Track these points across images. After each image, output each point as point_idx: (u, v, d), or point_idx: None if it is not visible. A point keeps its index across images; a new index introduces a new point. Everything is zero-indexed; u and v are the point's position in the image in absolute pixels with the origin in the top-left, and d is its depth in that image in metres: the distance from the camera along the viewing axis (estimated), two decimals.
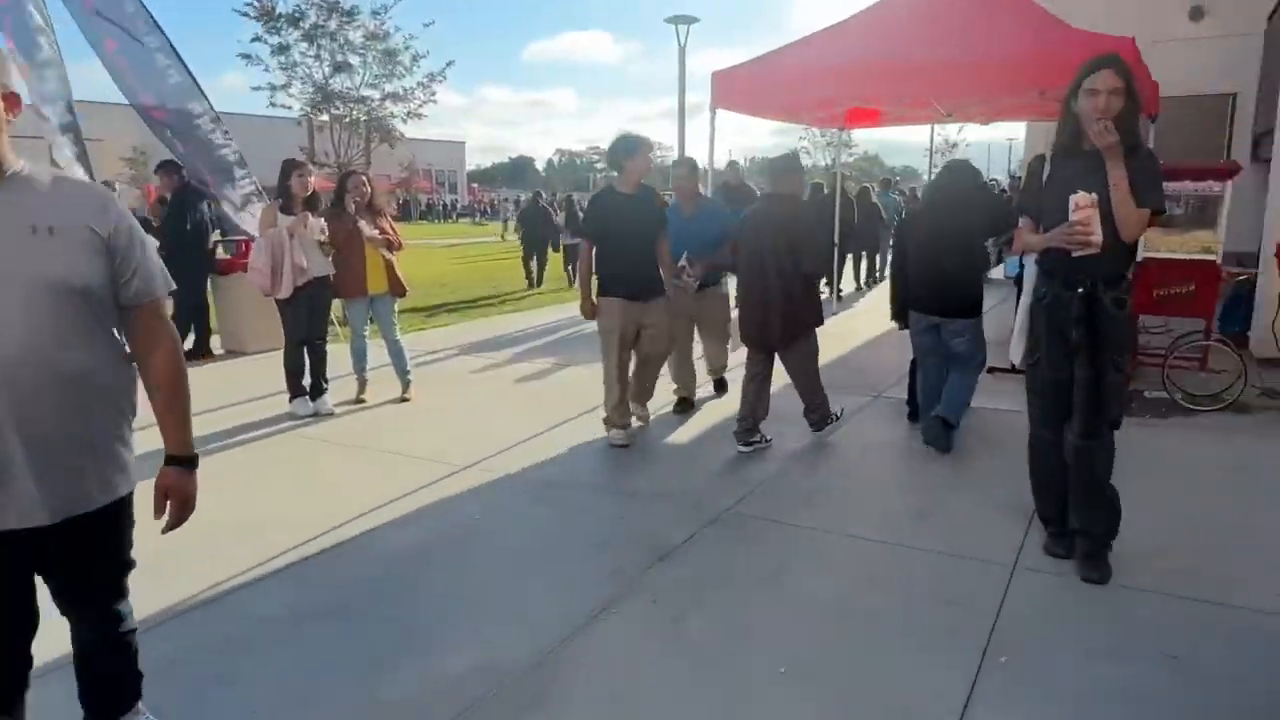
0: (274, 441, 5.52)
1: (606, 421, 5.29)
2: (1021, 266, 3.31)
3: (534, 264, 14.97)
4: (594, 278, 5.30)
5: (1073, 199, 3.06)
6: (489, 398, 6.67)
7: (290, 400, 6.09)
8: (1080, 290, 3.23)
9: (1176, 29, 10.81)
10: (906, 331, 5.35)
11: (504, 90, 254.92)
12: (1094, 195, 3.04)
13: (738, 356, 5.67)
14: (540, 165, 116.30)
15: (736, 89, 7.51)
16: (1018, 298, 3.83)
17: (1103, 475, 3.39)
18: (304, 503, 4.38)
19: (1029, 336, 3.50)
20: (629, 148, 5.07)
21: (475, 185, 75.23)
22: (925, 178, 38.91)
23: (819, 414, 5.29)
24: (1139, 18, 9.76)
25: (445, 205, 53.56)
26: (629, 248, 5.05)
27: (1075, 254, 3.11)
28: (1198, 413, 5.84)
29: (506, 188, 74.96)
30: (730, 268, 5.44)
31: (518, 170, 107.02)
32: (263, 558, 3.69)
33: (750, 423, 5.10)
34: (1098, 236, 3.05)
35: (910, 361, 5.62)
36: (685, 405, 6.08)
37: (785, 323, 4.94)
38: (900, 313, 5.33)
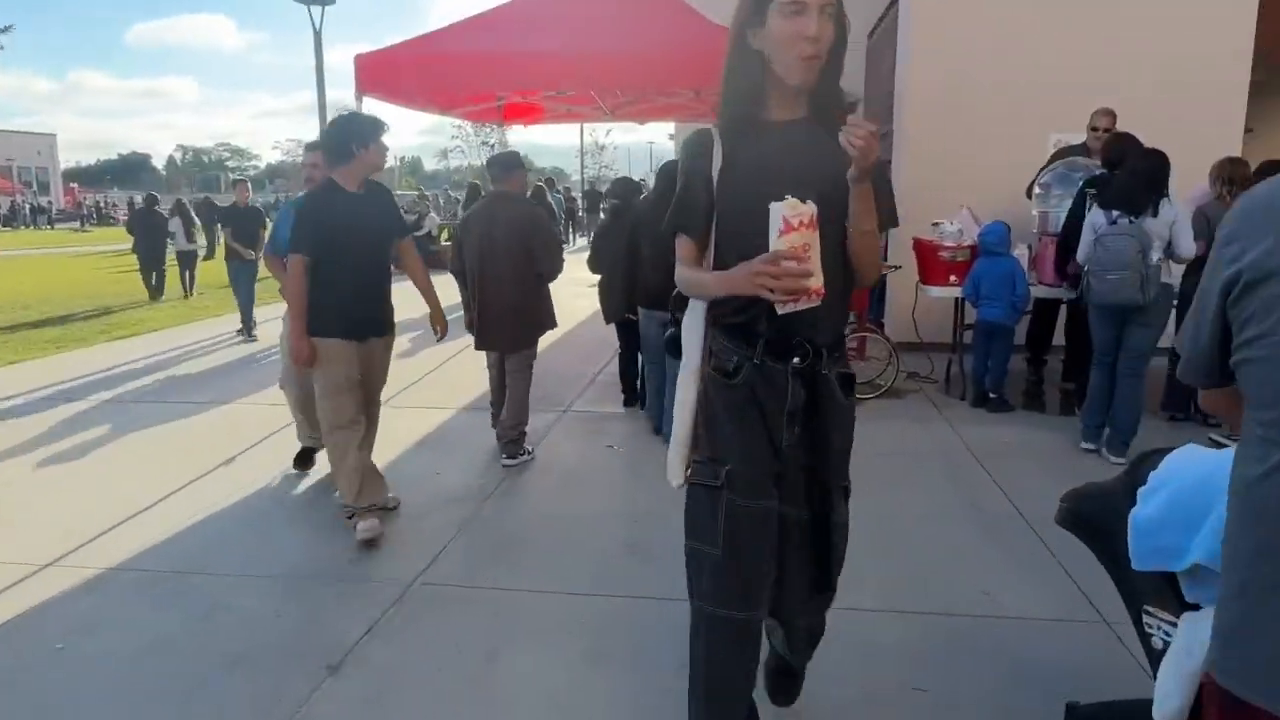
0: None
1: (349, 511, 3.85)
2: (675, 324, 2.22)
3: (154, 276, 13.13)
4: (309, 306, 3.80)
5: (778, 210, 1.78)
6: (94, 458, 5.15)
7: None
8: (796, 361, 1.95)
9: None
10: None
11: (105, 76, 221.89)
12: (811, 206, 1.79)
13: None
14: (159, 163, 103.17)
15: (384, 76, 6.62)
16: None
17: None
18: None
19: (705, 435, 2.05)
20: (364, 131, 3.76)
21: (75, 186, 64.65)
22: (576, 179, 40.13)
23: (519, 433, 4.86)
24: None
25: (33, 209, 44.82)
26: (356, 267, 3.77)
27: (782, 309, 1.83)
28: (861, 401, 6.12)
29: (119, 188, 65.28)
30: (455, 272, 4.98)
31: (130, 169, 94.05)
32: None
33: (517, 432, 4.83)
34: (818, 279, 1.81)
35: (620, 355, 5.95)
36: (306, 460, 4.79)
37: (519, 327, 4.79)
38: (621, 310, 5.56)
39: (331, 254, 3.70)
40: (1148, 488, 1.85)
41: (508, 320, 4.72)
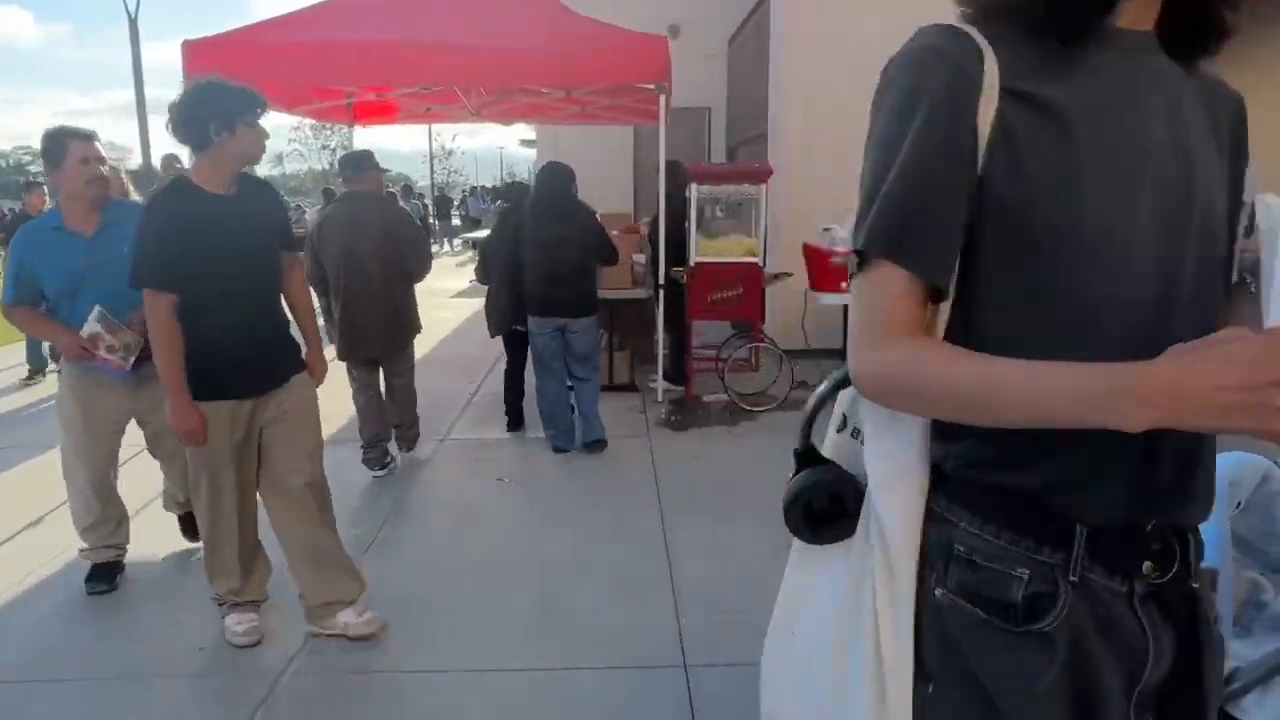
0: None
1: (227, 605, 3.02)
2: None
3: None
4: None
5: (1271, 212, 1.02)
6: None
7: None
8: (1152, 573, 0.94)
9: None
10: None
11: None
12: None
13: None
14: None
15: (218, 66, 5.80)
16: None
17: None
18: None
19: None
20: (228, 107, 2.71)
21: None
22: (425, 184, 38.68)
23: (414, 430, 4.96)
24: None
25: None
26: (238, 296, 2.76)
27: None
28: (756, 414, 5.88)
29: None
30: None
31: None
32: None
33: (382, 445, 4.73)
34: None
35: (505, 371, 5.55)
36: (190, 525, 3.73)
37: (395, 330, 4.60)
38: (508, 322, 5.19)
39: (201, 284, 2.67)
40: None
41: (381, 324, 4.51)
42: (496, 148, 56.82)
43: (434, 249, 22.49)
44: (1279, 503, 1.28)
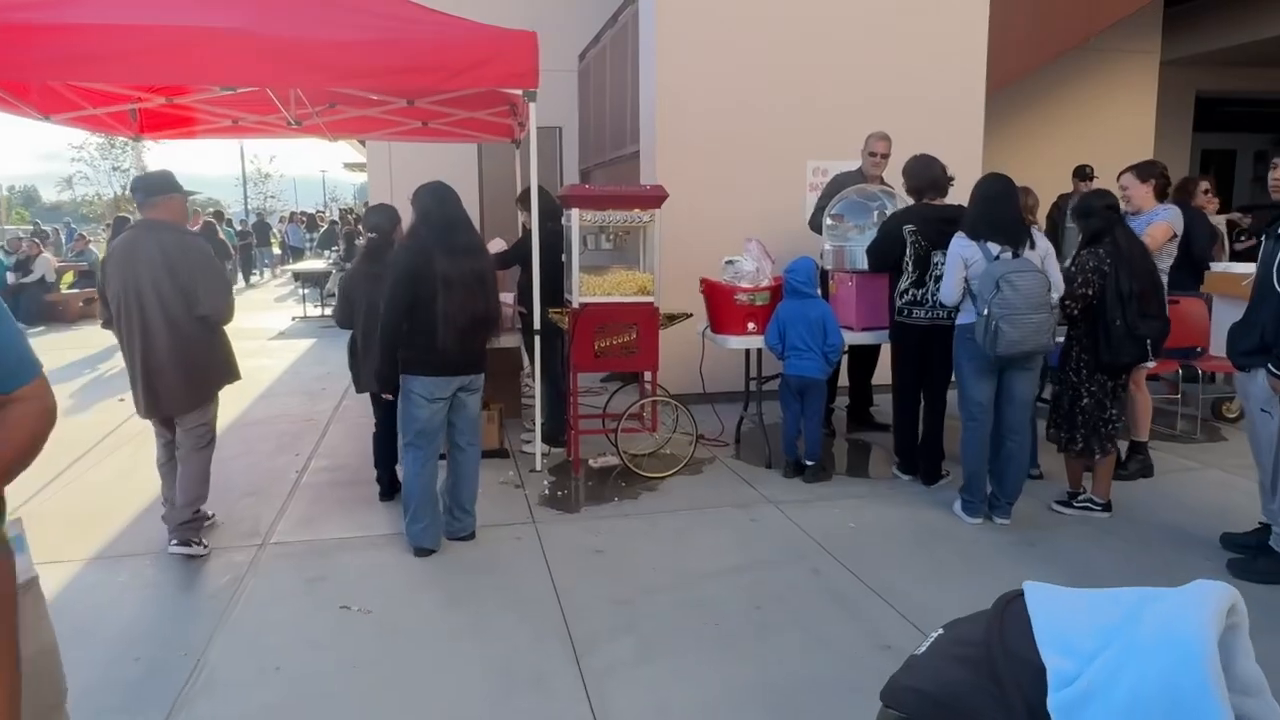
0: None
1: None
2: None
3: None
4: None
5: None
6: None
7: None
8: None
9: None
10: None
11: None
12: None
13: None
14: None
15: None
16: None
17: None
18: None
19: None
20: None
21: None
22: (240, 210, 35.44)
23: (193, 512, 3.97)
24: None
25: None
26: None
27: None
28: (656, 480, 4.96)
29: None
30: None
31: None
32: None
33: (191, 512, 3.95)
34: None
35: (375, 435, 4.61)
36: None
37: (185, 385, 3.87)
38: (387, 379, 3.89)
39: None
40: (1071, 690, 1.01)
41: (167, 377, 3.84)
42: (319, 171, 53.32)
43: (255, 278, 20.25)
44: (1239, 638, 1.02)
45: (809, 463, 4.92)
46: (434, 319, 3.70)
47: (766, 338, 4.93)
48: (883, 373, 5.45)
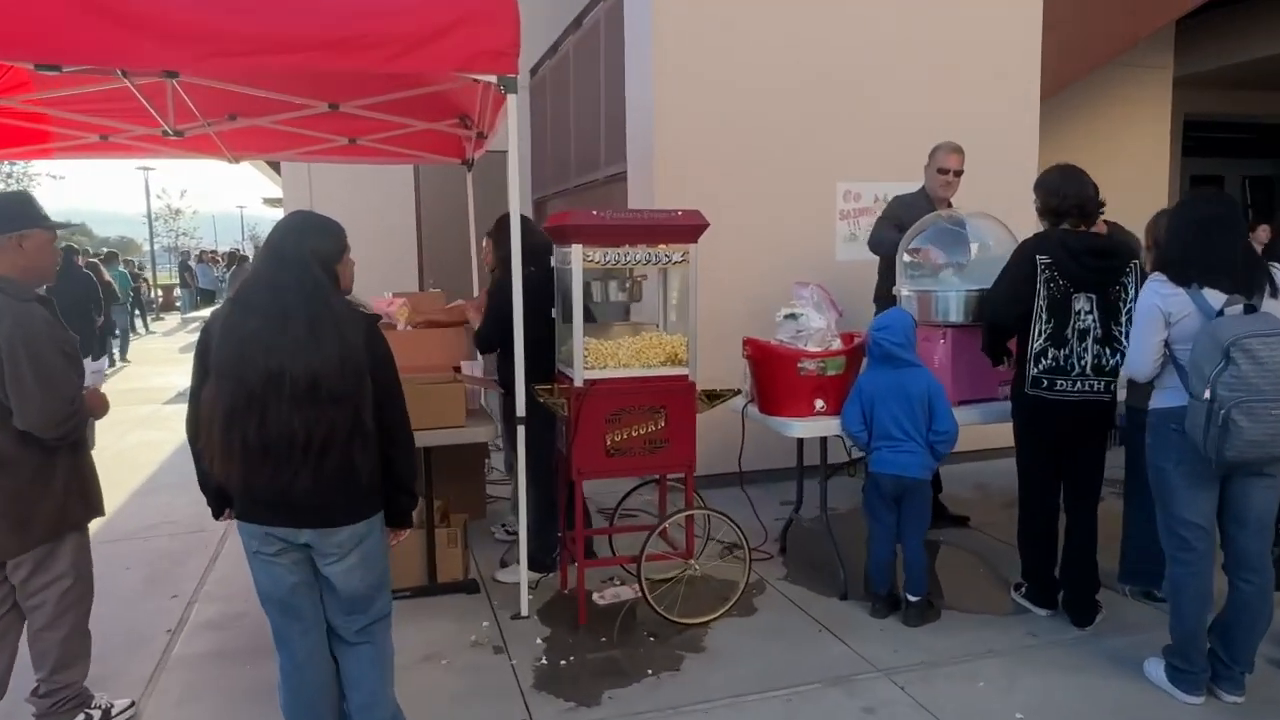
0: None
1: None
2: None
3: None
4: None
5: None
6: None
7: None
8: None
9: None
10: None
11: None
12: None
13: None
14: None
15: None
16: None
17: None
18: None
19: None
20: None
21: None
22: (146, 248, 32.69)
23: (69, 694, 2.75)
24: None
25: None
26: None
27: None
28: (696, 626, 3.48)
29: None
30: None
31: None
32: None
33: (69, 694, 2.75)
34: None
35: None
36: None
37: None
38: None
39: None
40: None
41: None
42: (236, 208, 50.46)
43: (162, 325, 18.15)
44: None
45: (912, 598, 3.49)
46: (213, 431, 2.15)
47: (844, 421, 3.52)
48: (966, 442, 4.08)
